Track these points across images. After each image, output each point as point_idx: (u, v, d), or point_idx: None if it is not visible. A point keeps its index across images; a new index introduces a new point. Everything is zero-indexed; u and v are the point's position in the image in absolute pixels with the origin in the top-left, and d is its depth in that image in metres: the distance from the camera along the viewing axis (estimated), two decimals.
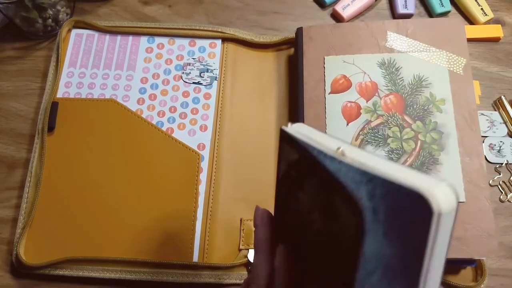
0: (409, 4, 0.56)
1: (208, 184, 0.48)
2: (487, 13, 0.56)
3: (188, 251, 0.45)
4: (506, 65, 0.55)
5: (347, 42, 0.49)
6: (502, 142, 0.51)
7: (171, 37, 0.54)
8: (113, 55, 0.53)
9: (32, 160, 0.49)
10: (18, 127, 0.52)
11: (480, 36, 0.55)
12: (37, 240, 0.46)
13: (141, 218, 0.46)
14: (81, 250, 0.45)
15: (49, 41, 0.56)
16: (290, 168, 0.27)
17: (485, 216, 0.42)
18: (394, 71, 0.47)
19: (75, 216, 0.47)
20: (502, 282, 0.46)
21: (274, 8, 0.58)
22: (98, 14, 0.57)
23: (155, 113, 0.51)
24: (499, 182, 0.49)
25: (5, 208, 0.48)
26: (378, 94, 0.47)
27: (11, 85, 0.54)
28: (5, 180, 0.50)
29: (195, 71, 0.53)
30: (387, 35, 0.49)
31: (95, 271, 0.45)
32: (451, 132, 0.45)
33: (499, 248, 0.46)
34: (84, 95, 0.52)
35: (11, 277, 0.46)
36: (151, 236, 0.46)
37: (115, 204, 0.47)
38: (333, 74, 0.48)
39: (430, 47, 0.48)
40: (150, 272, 0.45)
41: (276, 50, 0.55)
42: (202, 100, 0.51)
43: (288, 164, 0.27)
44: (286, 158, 0.27)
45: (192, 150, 0.49)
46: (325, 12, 0.58)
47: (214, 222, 0.47)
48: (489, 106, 0.53)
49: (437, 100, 0.46)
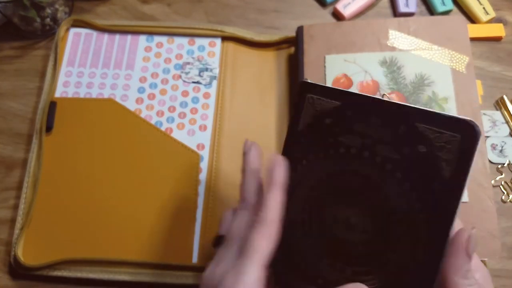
0: (411, 3, 0.56)
1: (208, 185, 0.48)
2: (488, 12, 0.55)
3: (187, 252, 0.45)
4: (508, 65, 0.54)
5: (348, 40, 0.49)
6: (504, 142, 0.50)
7: (170, 36, 0.54)
8: (112, 54, 0.53)
9: (30, 160, 0.48)
10: (16, 127, 0.51)
11: (482, 35, 0.55)
12: (35, 241, 0.46)
13: (140, 219, 0.46)
14: (79, 251, 0.45)
15: (47, 40, 0.55)
16: (323, 117, 0.29)
17: (488, 217, 0.42)
18: (396, 70, 0.47)
19: (73, 216, 0.46)
20: (503, 283, 0.45)
21: (274, 6, 0.58)
22: (97, 13, 0.57)
23: (154, 113, 0.50)
24: (501, 183, 0.49)
25: (3, 209, 0.48)
26: (380, 93, 0.47)
27: (9, 85, 0.53)
28: (3, 180, 0.49)
29: (195, 70, 0.52)
30: (388, 33, 0.49)
31: (93, 272, 0.44)
32: None
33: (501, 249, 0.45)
34: (82, 94, 0.51)
35: (9, 278, 0.45)
36: (149, 237, 0.46)
37: (114, 205, 0.47)
38: (334, 73, 0.48)
39: (432, 45, 0.48)
40: (149, 273, 0.44)
41: (276, 49, 0.54)
42: (202, 99, 0.51)
43: (320, 114, 0.30)
44: (316, 109, 0.30)
45: (191, 150, 0.49)
46: (326, 11, 0.57)
47: (213, 223, 0.46)
48: (491, 105, 0.52)
49: (439, 98, 0.46)
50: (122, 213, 0.46)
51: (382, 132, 0.27)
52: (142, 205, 0.47)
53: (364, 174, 0.28)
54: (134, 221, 0.46)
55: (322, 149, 0.30)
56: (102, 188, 0.47)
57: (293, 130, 0.31)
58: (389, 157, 0.27)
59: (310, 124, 0.30)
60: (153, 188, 0.47)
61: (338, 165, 0.29)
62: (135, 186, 0.47)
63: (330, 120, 0.29)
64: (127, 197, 0.47)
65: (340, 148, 0.29)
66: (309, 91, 0.30)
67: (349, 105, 0.29)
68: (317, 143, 0.30)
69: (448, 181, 0.26)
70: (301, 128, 0.30)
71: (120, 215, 0.46)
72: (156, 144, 0.49)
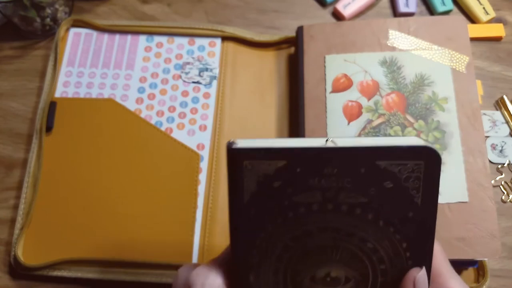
0: (411, 3, 0.56)
1: (208, 185, 0.48)
2: (488, 12, 0.55)
3: (187, 252, 0.45)
4: (508, 65, 0.54)
5: (348, 40, 0.49)
6: (504, 142, 0.50)
7: (170, 36, 0.54)
8: (112, 54, 0.53)
9: (30, 160, 0.48)
10: (16, 127, 0.51)
11: (482, 35, 0.55)
12: (35, 241, 0.46)
13: (140, 219, 0.46)
14: (79, 251, 0.45)
15: (47, 40, 0.55)
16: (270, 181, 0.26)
17: (488, 217, 0.42)
18: (396, 70, 0.47)
19: (73, 216, 0.46)
20: (503, 283, 0.45)
21: (274, 6, 0.58)
22: (97, 13, 0.57)
23: (154, 113, 0.50)
24: (501, 183, 0.49)
25: (3, 209, 0.48)
26: (380, 93, 0.47)
27: (9, 85, 0.53)
28: (3, 180, 0.49)
29: (195, 70, 0.52)
30: (388, 33, 0.49)
31: (93, 272, 0.44)
32: (453, 131, 0.44)
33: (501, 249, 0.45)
34: (82, 94, 0.51)
35: (9, 278, 0.45)
36: (149, 237, 0.45)
37: (113, 205, 0.47)
38: (334, 73, 0.48)
39: (432, 45, 0.48)
40: (149, 273, 0.44)
41: (276, 49, 0.54)
42: (202, 99, 0.51)
43: (265, 179, 0.26)
44: (258, 175, 0.26)
45: (191, 150, 0.49)
46: (326, 11, 0.57)
47: (213, 223, 0.46)
48: (491, 105, 0.52)
49: (439, 98, 0.46)
50: (122, 213, 0.46)
51: (341, 180, 0.26)
52: (142, 205, 0.47)
53: (334, 227, 0.27)
54: (134, 221, 0.46)
55: (279, 215, 0.27)
56: (102, 188, 0.47)
57: (237, 204, 0.27)
58: (355, 202, 0.26)
59: (256, 193, 0.27)
60: (153, 188, 0.47)
61: (302, 226, 0.27)
62: (135, 186, 0.47)
63: (279, 183, 0.26)
64: (127, 197, 0.47)
65: (299, 208, 0.26)
66: (244, 158, 0.26)
67: (296, 162, 0.26)
68: (271, 211, 0.27)
69: (421, 207, 0.26)
70: (246, 199, 0.27)
71: (120, 215, 0.46)
72: (156, 144, 0.49)
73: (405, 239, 0.27)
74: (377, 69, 0.47)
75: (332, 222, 0.27)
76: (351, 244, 0.27)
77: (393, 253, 0.27)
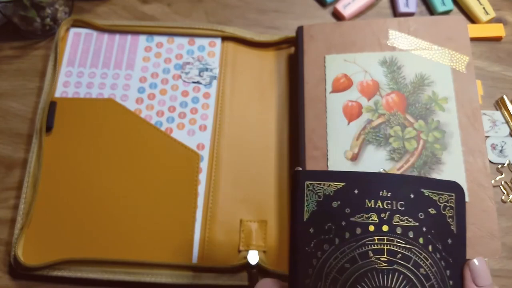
0: (411, 3, 0.56)
1: (208, 185, 0.48)
2: (488, 12, 0.55)
3: (187, 253, 0.45)
4: (508, 65, 0.54)
5: (348, 40, 0.49)
6: (504, 142, 0.50)
7: (170, 36, 0.54)
8: (112, 54, 0.53)
9: (30, 160, 0.48)
10: (16, 127, 0.51)
11: (482, 35, 0.55)
12: (35, 241, 0.46)
13: (140, 219, 0.46)
14: (79, 251, 0.45)
15: (47, 40, 0.55)
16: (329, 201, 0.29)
17: (488, 216, 0.42)
18: (396, 70, 0.47)
19: (73, 216, 0.46)
20: (503, 283, 0.45)
21: (274, 6, 0.58)
22: (97, 13, 0.57)
23: (154, 113, 0.50)
24: (501, 183, 0.49)
25: (3, 209, 0.48)
26: (380, 93, 0.47)
27: (9, 85, 0.53)
28: (3, 180, 0.49)
29: (195, 70, 0.52)
30: (388, 33, 0.49)
31: (93, 272, 0.44)
32: (454, 131, 0.44)
33: (501, 249, 0.45)
34: (82, 94, 0.51)
35: (9, 278, 0.45)
36: (149, 237, 0.45)
37: (113, 205, 0.47)
38: (334, 73, 0.48)
39: (432, 45, 0.48)
40: (149, 273, 0.44)
41: (276, 49, 0.54)
42: (202, 99, 0.51)
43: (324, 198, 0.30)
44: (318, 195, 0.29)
45: (191, 150, 0.49)
46: (326, 11, 0.57)
47: (213, 223, 0.46)
48: (491, 105, 0.52)
49: (439, 98, 0.46)
50: (121, 213, 0.46)
51: (394, 203, 0.29)
52: (142, 205, 0.47)
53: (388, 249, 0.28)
54: (133, 221, 0.46)
55: (336, 235, 0.29)
56: (102, 188, 0.47)
57: (298, 222, 0.30)
58: (408, 225, 0.28)
59: (315, 212, 0.30)
60: (153, 188, 0.47)
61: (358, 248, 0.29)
62: (135, 186, 0.47)
63: (337, 203, 0.29)
64: (127, 197, 0.47)
65: (356, 228, 0.29)
66: (306, 178, 0.30)
67: (354, 184, 0.29)
68: (328, 230, 0.29)
69: (456, 234, 0.29)
70: (307, 217, 0.30)
71: (119, 215, 0.46)
72: (156, 144, 0.49)
73: (448, 266, 0.28)
74: (377, 69, 0.47)
75: (388, 245, 0.28)
76: (406, 269, 0.28)
77: (441, 281, 0.28)
